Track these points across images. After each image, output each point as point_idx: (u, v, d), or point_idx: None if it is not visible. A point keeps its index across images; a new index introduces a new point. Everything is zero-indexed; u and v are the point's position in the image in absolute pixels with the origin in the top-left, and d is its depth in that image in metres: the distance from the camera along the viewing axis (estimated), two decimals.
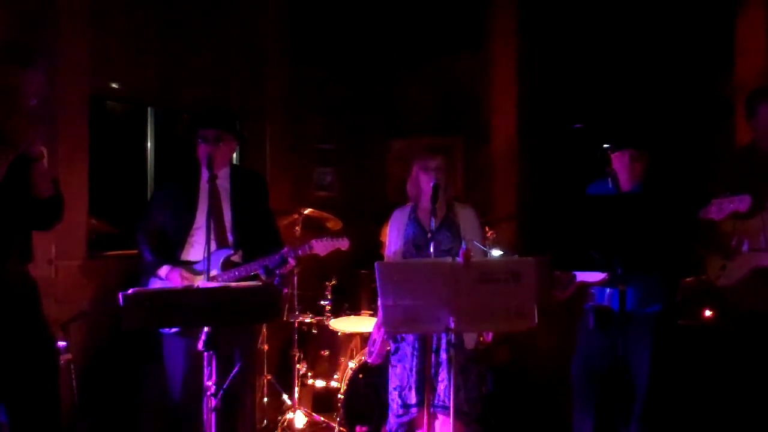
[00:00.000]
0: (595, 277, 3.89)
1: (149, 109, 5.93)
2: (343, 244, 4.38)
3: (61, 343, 4.39)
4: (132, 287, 3.25)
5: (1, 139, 3.07)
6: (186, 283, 4.10)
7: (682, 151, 6.20)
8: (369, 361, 4.47)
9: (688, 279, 5.16)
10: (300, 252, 4.26)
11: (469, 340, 4.19)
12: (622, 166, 3.98)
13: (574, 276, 3.95)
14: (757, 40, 5.75)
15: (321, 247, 4.31)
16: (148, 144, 5.94)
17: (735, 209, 3.70)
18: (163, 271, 4.18)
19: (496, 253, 5.32)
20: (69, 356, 4.52)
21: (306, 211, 5.56)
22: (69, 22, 4.95)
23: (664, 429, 4.04)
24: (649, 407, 3.91)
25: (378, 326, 4.43)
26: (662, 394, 3.96)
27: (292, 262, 4.20)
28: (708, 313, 5.19)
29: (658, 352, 3.93)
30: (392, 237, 4.41)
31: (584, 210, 3.52)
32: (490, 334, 4.33)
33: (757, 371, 4.15)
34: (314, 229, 5.56)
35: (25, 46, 3.30)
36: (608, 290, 3.91)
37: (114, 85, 5.51)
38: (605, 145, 3.98)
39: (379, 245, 5.57)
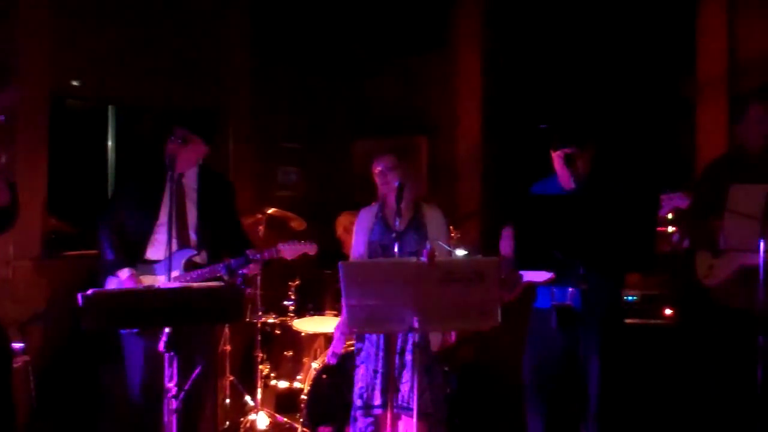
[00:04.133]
0: (541, 276, 3.91)
1: (110, 107, 5.86)
2: (311, 248, 4.38)
3: (19, 345, 4.32)
4: (91, 287, 3.21)
5: None
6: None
7: (641, 151, 6.27)
8: (327, 360, 4.46)
9: (649, 277, 5.22)
10: (267, 255, 4.25)
11: (435, 342, 4.19)
12: (559, 164, 4.02)
13: (521, 276, 3.97)
14: (718, 40, 5.80)
15: (289, 251, 4.30)
16: (109, 142, 5.86)
17: (675, 206, 3.78)
18: (123, 273, 4.14)
19: (460, 252, 5.32)
20: (27, 357, 4.47)
21: (270, 211, 5.53)
22: (28, 19, 4.88)
23: (622, 428, 4.08)
24: (604, 406, 3.94)
25: (337, 326, 4.43)
26: (617, 393, 3.99)
27: (255, 266, 4.18)
28: (668, 311, 5.23)
29: (607, 350, 3.96)
30: (358, 236, 4.39)
31: (527, 209, 3.54)
32: (454, 334, 4.33)
33: (734, 369, 4.21)
34: (278, 228, 5.52)
35: None
36: (570, 289, 3.92)
37: (75, 83, 5.43)
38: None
39: (339, 243, 5.56)
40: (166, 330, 3.27)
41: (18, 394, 3.72)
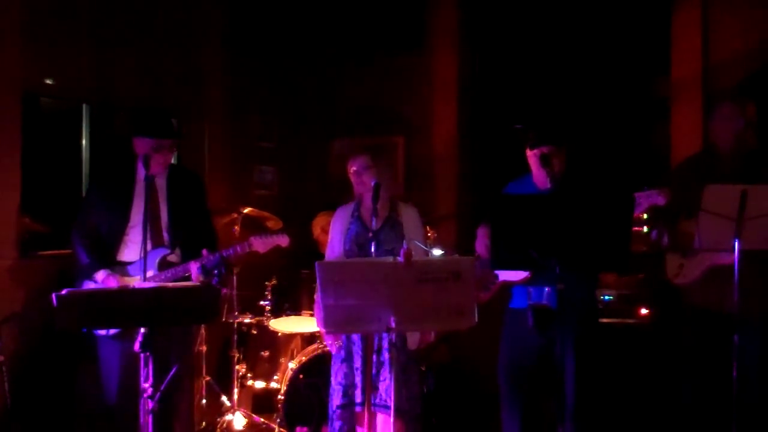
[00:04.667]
0: (517, 276, 3.93)
1: (84, 105, 5.81)
2: (283, 240, 4.35)
3: None
4: (66, 287, 3.20)
5: None
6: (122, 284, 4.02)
7: (615, 151, 6.32)
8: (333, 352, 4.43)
9: (624, 277, 5.26)
10: (239, 249, 4.22)
11: (412, 341, 4.20)
12: (535, 163, 4.04)
13: (497, 276, 3.98)
14: (693, 40, 5.85)
15: (260, 244, 4.27)
16: (83, 141, 5.81)
17: (653, 203, 3.81)
18: (100, 275, 4.11)
19: (437, 252, 5.34)
20: (1, 357, 4.42)
21: (245, 210, 5.51)
22: (1, 17, 4.83)
23: (599, 427, 4.10)
24: (581, 405, 3.97)
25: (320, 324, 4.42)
26: (593, 392, 4.02)
27: (236, 261, 4.15)
28: (644, 311, 5.28)
29: (583, 349, 3.99)
30: (334, 236, 4.40)
31: (502, 209, 3.54)
32: (432, 334, 4.35)
33: (707, 369, 4.25)
34: (254, 228, 5.50)
35: None
36: (546, 289, 3.93)
37: (48, 81, 5.38)
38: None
39: (317, 244, 5.55)
40: (142, 330, 3.25)
41: None
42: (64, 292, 3.12)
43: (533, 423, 4.08)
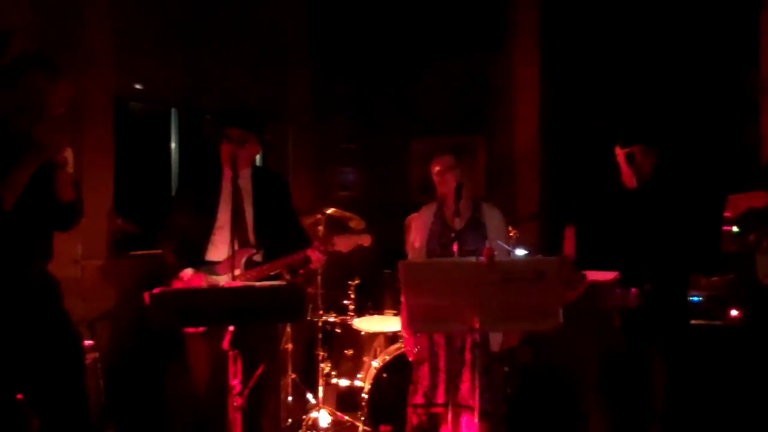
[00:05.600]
0: (606, 276, 3.87)
1: (173, 109, 5.97)
2: (365, 240, 4.37)
3: (88, 342, 4.42)
4: (156, 286, 3.26)
5: (29, 143, 3.11)
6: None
7: (705, 150, 6.16)
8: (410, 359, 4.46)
9: (714, 278, 5.13)
10: (322, 249, 4.26)
11: (495, 342, 4.18)
12: (623, 162, 3.98)
13: (584, 275, 3.94)
14: None
15: (343, 243, 4.30)
16: (172, 144, 5.97)
17: (750, 205, 3.70)
18: (186, 274, 4.19)
19: (520, 252, 5.30)
20: (96, 354, 4.55)
21: (329, 211, 5.57)
22: (94, 24, 4.99)
23: (688, 430, 4.02)
24: (669, 408, 3.89)
25: (404, 324, 4.45)
26: (682, 394, 3.94)
27: (319, 260, 4.20)
28: (734, 313, 5.14)
29: (672, 351, 3.91)
30: (416, 234, 4.42)
31: (589, 208, 3.50)
32: (516, 337, 4.32)
33: None
34: (337, 228, 5.56)
35: (52, 56, 3.33)
36: (633, 289, 3.88)
37: (138, 86, 5.54)
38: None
39: (403, 244, 5.57)
40: (230, 328, 3.31)
41: (87, 391, 3.80)
42: (156, 290, 3.19)
43: (622, 425, 4.02)
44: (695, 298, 5.17)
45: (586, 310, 4.15)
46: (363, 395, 5.21)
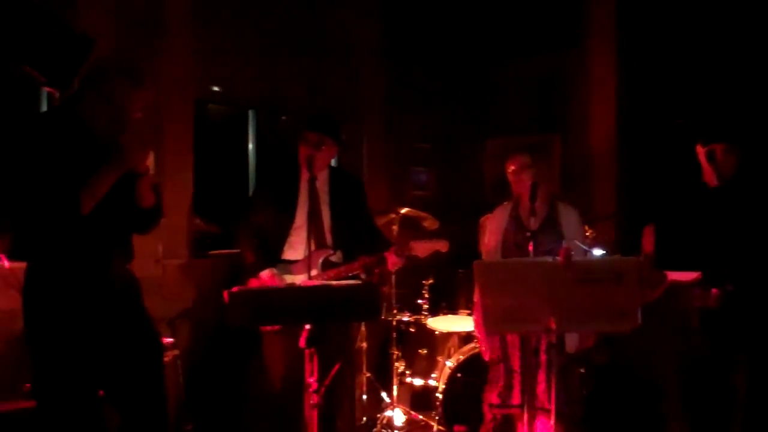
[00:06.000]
0: (687, 276, 3.79)
1: (250, 111, 6.06)
2: (443, 245, 4.37)
3: (169, 340, 4.52)
4: (234, 285, 3.31)
5: (114, 151, 3.17)
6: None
7: None
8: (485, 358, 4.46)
9: None
10: (400, 253, 4.28)
11: (571, 342, 4.14)
12: (705, 161, 3.89)
13: (665, 275, 3.86)
14: None
15: (420, 248, 4.31)
16: (250, 145, 6.06)
17: None
18: (265, 274, 4.23)
19: (597, 252, 5.23)
20: (176, 352, 4.64)
21: (403, 211, 5.59)
22: (174, 29, 5.10)
23: None
24: (753, 413, 3.79)
25: (477, 325, 4.44)
26: (764, 398, 3.83)
27: (394, 260, 4.22)
28: None
29: (755, 354, 3.81)
30: (491, 234, 4.40)
31: (669, 207, 3.43)
32: (592, 338, 4.27)
33: None
34: (411, 228, 5.58)
35: (133, 61, 3.41)
36: (713, 290, 3.80)
37: (216, 89, 5.64)
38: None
39: (476, 244, 5.55)
40: (307, 327, 3.35)
41: (167, 387, 3.88)
42: (235, 289, 3.24)
43: (702, 428, 3.93)
44: None
45: (664, 310, 4.09)
46: (437, 395, 5.22)
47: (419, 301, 5.77)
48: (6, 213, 3.38)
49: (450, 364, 5.26)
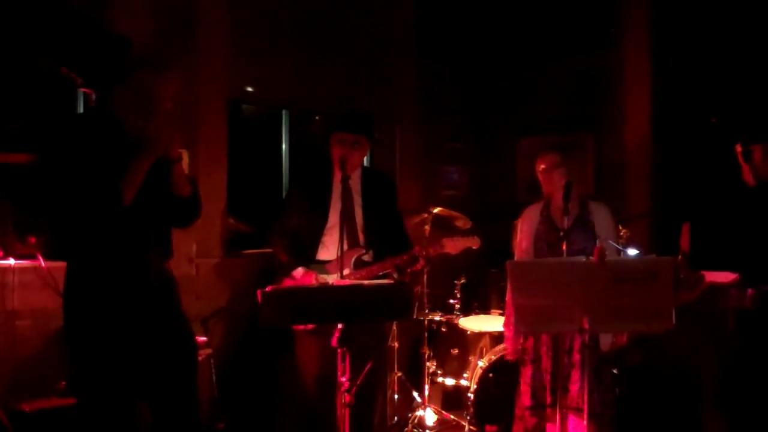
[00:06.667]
0: (725, 277, 3.75)
1: (284, 111, 6.09)
2: (475, 242, 4.36)
3: (202, 338, 4.55)
4: (267, 284, 3.31)
5: (144, 139, 3.19)
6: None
7: None
8: (507, 358, 4.46)
9: None
10: (431, 250, 4.28)
11: (604, 343, 4.12)
12: (748, 160, 3.85)
13: (703, 276, 3.82)
14: None
15: (452, 245, 4.30)
16: (283, 145, 6.09)
17: None
18: (298, 273, 4.25)
19: (631, 252, 5.19)
20: (209, 351, 4.68)
21: (435, 210, 5.58)
22: (209, 30, 5.15)
23: None
24: None
25: (506, 324, 4.43)
26: None
27: (422, 261, 4.22)
28: None
29: None
30: (523, 234, 4.39)
31: (714, 207, 3.39)
32: (625, 336, 4.24)
33: None
34: (443, 227, 5.57)
35: (161, 52, 3.42)
36: (749, 291, 3.76)
37: (250, 89, 5.67)
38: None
39: (508, 244, 5.54)
40: (339, 326, 3.36)
41: (200, 386, 3.90)
42: (268, 288, 3.25)
43: (738, 429, 3.89)
44: None
45: (700, 311, 4.05)
46: (469, 395, 5.21)
47: (451, 301, 5.77)
48: (43, 214, 3.42)
49: (482, 364, 5.25)
